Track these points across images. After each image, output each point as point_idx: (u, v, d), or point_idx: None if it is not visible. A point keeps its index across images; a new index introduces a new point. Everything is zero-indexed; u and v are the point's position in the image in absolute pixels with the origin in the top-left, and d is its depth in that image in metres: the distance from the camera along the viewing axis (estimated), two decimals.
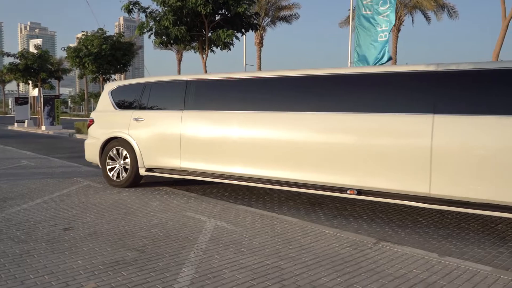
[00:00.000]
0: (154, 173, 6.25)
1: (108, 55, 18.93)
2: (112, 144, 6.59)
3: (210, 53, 14.25)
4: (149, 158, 6.21)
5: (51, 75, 28.83)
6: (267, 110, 5.26)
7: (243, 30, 13.73)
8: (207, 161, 5.67)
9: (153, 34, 13.22)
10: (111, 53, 18.99)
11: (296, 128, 4.98)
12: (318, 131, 4.83)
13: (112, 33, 20.57)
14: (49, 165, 8.88)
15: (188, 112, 5.90)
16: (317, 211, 5.39)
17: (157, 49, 32.01)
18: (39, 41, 38.71)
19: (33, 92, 32.73)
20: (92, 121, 7.02)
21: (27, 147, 13.43)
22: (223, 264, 3.30)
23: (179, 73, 51.29)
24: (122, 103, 6.74)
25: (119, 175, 6.53)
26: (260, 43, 37.47)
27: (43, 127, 22.31)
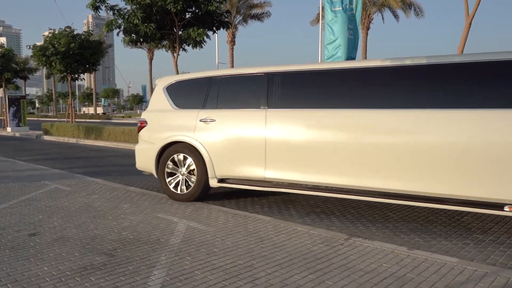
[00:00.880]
0: (227, 184, 5.30)
1: (76, 54, 18.41)
2: (172, 150, 5.61)
3: (182, 52, 14.11)
4: (222, 167, 5.25)
5: (16, 75, 27.84)
6: (393, 107, 4.27)
7: (214, 28, 13.64)
8: (302, 170, 4.73)
9: (122, 32, 12.95)
10: (80, 52, 18.47)
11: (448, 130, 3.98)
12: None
13: (81, 31, 20.05)
14: (14, 168, 8.58)
15: (274, 112, 4.95)
16: (289, 208, 5.41)
17: (128, 47, 31.47)
18: (2, 40, 37.33)
19: None
20: (145, 122, 6.01)
21: None
22: (195, 266, 3.27)
23: (150, 72, 50.56)
24: (183, 101, 5.76)
25: (182, 186, 5.56)
26: (232, 42, 37.39)
27: (8, 129, 21.56)
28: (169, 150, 5.64)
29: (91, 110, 78.89)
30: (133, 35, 13.00)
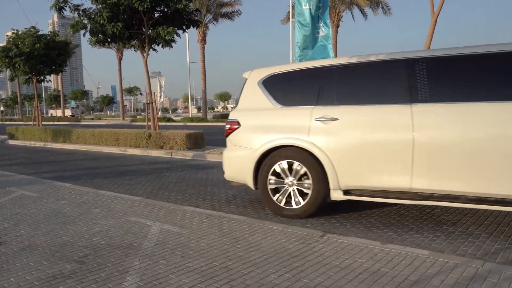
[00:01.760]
0: (354, 197, 4.47)
1: (41, 55, 17.79)
2: (276, 156, 4.77)
3: (152, 52, 13.87)
4: (349, 176, 4.42)
5: None
6: None
7: (184, 27, 13.48)
8: (464, 177, 3.93)
9: (88, 32, 12.61)
10: (45, 53, 17.87)
11: None
12: None
13: (46, 32, 19.40)
14: None
15: (424, 107, 4.07)
16: (265, 207, 5.40)
17: (95, 47, 30.75)
18: None
19: None
20: (237, 124, 5.13)
21: None
22: (169, 269, 3.20)
23: (120, 72, 49.54)
24: (288, 97, 4.87)
25: (295, 199, 4.74)
26: (203, 40, 37.14)
27: None
28: (272, 156, 4.78)
29: (59, 113, 76.72)
30: (100, 35, 12.68)
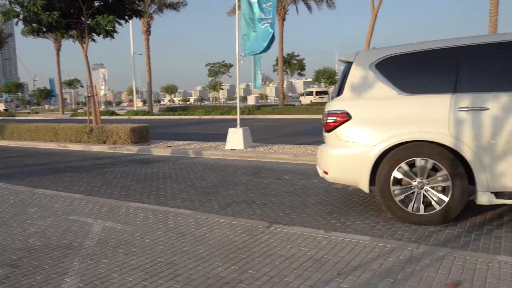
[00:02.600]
0: (506, 201, 3.82)
1: None
2: (403, 153, 4.08)
3: (94, 43, 13.26)
4: (503, 176, 3.80)
5: None
6: None
7: (127, 17, 13.00)
8: None
9: (21, 21, 11.80)
10: None
11: None
12: None
13: None
14: None
15: None
16: (211, 200, 5.37)
17: (30, 37, 28.83)
18: None
19: None
20: (346, 115, 4.39)
21: None
22: (112, 268, 3.09)
23: (58, 64, 46.92)
24: (414, 83, 4.16)
25: (420, 205, 4.08)
26: (148, 31, 36.06)
27: None
28: (395, 153, 4.11)
29: None
30: (34, 24, 11.91)
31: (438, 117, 3.96)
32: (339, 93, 4.59)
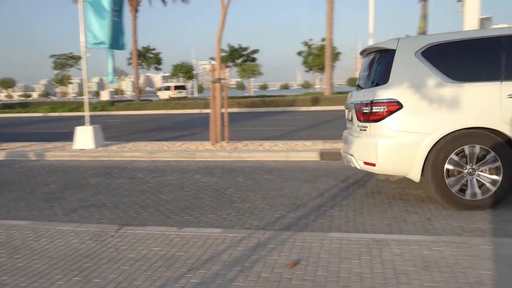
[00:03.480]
0: None
1: None
2: (455, 141, 4.15)
3: None
4: None
5: None
6: None
7: None
8: None
9: None
10: None
11: None
12: None
13: None
14: None
15: None
16: (54, 207, 4.88)
17: None
18: None
19: None
20: (397, 104, 4.26)
21: None
22: None
23: None
24: (462, 70, 4.22)
25: (474, 190, 4.15)
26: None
27: None
28: (448, 141, 4.16)
29: None
30: None
31: (490, 103, 4.11)
32: (375, 82, 4.58)
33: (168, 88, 44.53)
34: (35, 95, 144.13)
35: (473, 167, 4.18)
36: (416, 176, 4.31)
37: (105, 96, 46.01)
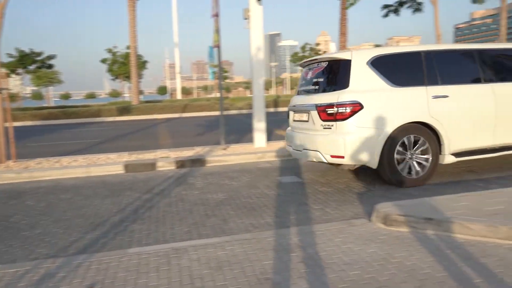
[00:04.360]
0: (460, 158, 5.37)
1: None
2: (401, 132, 5.11)
3: None
4: (457, 141, 5.33)
5: None
6: None
7: None
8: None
9: None
10: None
11: None
12: None
13: None
14: None
15: (498, 86, 5.60)
16: None
17: None
18: None
19: None
20: (359, 105, 4.99)
21: None
22: None
23: None
24: (401, 77, 5.21)
25: (416, 169, 5.25)
26: None
27: None
28: (397, 133, 5.10)
29: None
30: None
31: (421, 103, 5.15)
32: (333, 87, 5.27)
33: None
34: None
35: (411, 152, 5.20)
36: (375, 164, 5.15)
37: None
